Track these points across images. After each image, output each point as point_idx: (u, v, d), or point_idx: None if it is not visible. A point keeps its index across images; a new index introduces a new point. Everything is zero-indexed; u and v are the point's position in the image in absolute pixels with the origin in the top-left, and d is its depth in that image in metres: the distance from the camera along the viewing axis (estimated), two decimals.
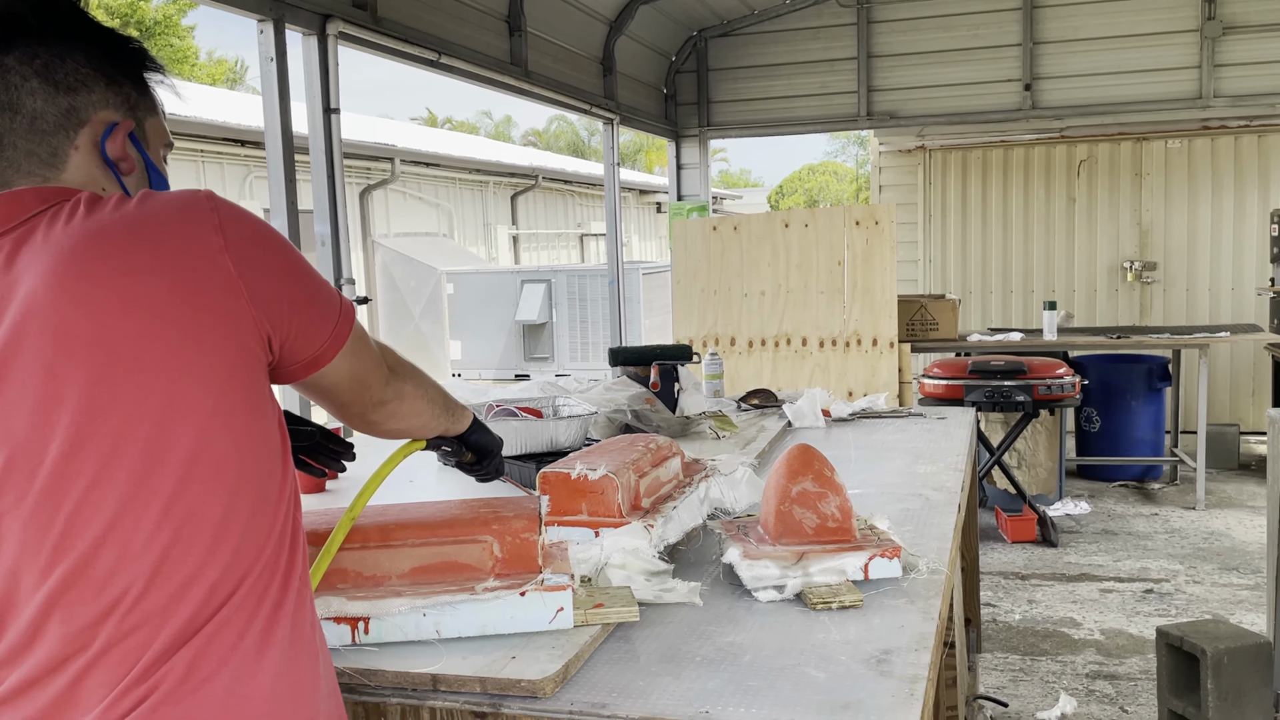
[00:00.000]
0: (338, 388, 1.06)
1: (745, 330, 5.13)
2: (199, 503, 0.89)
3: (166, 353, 0.88)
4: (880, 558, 1.51)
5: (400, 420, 1.18)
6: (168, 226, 0.90)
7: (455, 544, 1.33)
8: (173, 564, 0.88)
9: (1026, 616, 3.95)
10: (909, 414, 3.07)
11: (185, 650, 0.88)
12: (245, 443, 0.92)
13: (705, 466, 1.97)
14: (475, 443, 1.35)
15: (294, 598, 0.96)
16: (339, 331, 1.01)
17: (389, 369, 1.12)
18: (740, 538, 1.62)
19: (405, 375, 1.16)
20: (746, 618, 1.42)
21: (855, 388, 4.88)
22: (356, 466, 2.53)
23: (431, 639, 1.28)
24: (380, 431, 1.19)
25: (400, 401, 1.15)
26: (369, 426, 1.16)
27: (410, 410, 1.19)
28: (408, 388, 1.16)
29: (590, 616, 1.33)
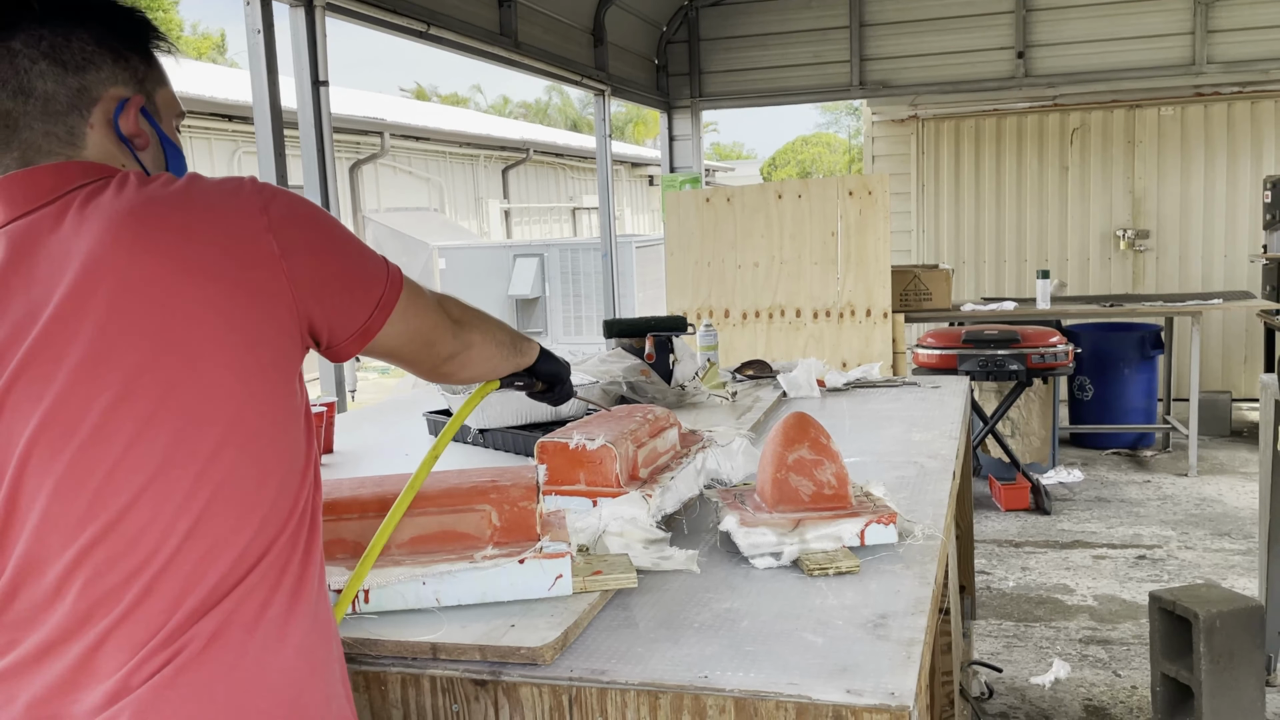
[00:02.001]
0: (400, 350, 1.08)
1: (739, 302, 5.14)
2: (234, 468, 0.90)
3: (218, 320, 0.89)
4: (876, 524, 1.53)
5: (472, 368, 1.22)
6: (217, 203, 0.92)
7: (454, 513, 1.34)
8: (205, 527, 0.89)
9: (1020, 584, 3.99)
10: (903, 383, 3.08)
11: (210, 617, 0.88)
12: (278, 415, 0.94)
13: (702, 437, 1.98)
14: (545, 372, 1.39)
15: (316, 572, 0.98)
16: (386, 300, 1.02)
17: (453, 321, 1.14)
18: (737, 506, 1.63)
19: (471, 324, 1.19)
20: (744, 584, 1.43)
21: (850, 358, 4.89)
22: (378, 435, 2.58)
23: (431, 607, 1.29)
24: (454, 381, 1.23)
25: (469, 351, 1.18)
26: (443, 378, 1.20)
27: (480, 357, 1.22)
28: (475, 336, 1.19)
29: (589, 584, 1.34)
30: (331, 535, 1.33)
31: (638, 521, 1.53)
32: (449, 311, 1.15)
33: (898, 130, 7.42)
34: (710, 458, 1.88)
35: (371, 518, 1.33)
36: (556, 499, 1.60)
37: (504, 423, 2.30)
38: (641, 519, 1.53)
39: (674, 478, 1.71)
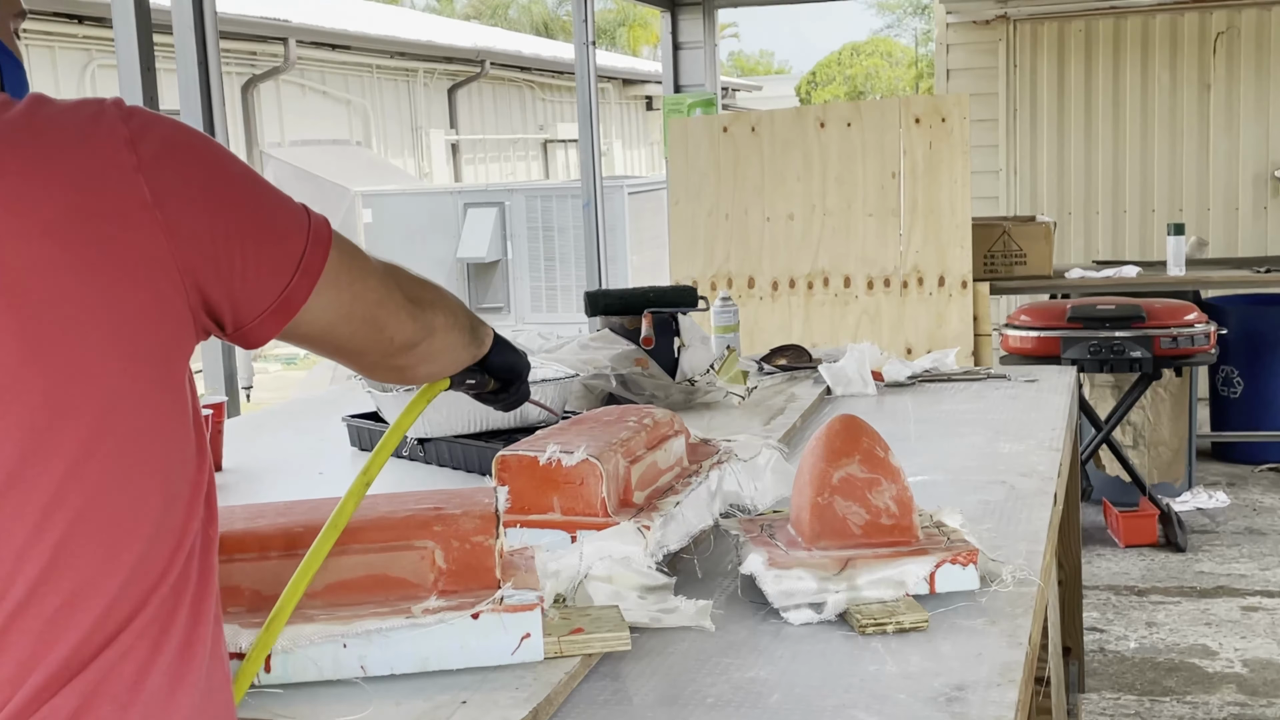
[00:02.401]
0: (336, 335, 1.09)
1: (768, 267, 5.14)
2: (102, 485, 0.90)
3: (68, 294, 0.88)
4: (951, 564, 1.53)
5: (434, 362, 1.24)
6: (70, 135, 0.91)
7: (385, 552, 1.34)
8: (65, 565, 0.88)
9: (1145, 644, 4.01)
10: (988, 376, 3.09)
11: (68, 692, 0.87)
12: (156, 422, 0.93)
13: (718, 449, 1.99)
14: (499, 366, 1.40)
15: (210, 632, 0.97)
16: (310, 261, 1.02)
17: (409, 299, 1.15)
18: (764, 541, 1.64)
19: (432, 303, 1.20)
20: (773, 646, 1.44)
21: (916, 342, 4.90)
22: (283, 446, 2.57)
23: (355, 677, 1.29)
24: (408, 379, 1.25)
25: (431, 340, 1.20)
26: (394, 374, 1.22)
27: (444, 347, 1.24)
28: (438, 319, 1.21)
29: (566, 646, 1.35)
30: (221, 582, 1.32)
31: (631, 562, 1.53)
32: (403, 285, 1.15)
33: (981, 35, 7.42)
34: (729, 476, 1.89)
35: (275, 558, 1.34)
36: (523, 532, 1.61)
37: (451, 430, 2.31)
38: (636, 559, 1.53)
39: (680, 504, 1.72)
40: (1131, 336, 4.76)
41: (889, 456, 1.65)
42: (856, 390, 2.92)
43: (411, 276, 1.19)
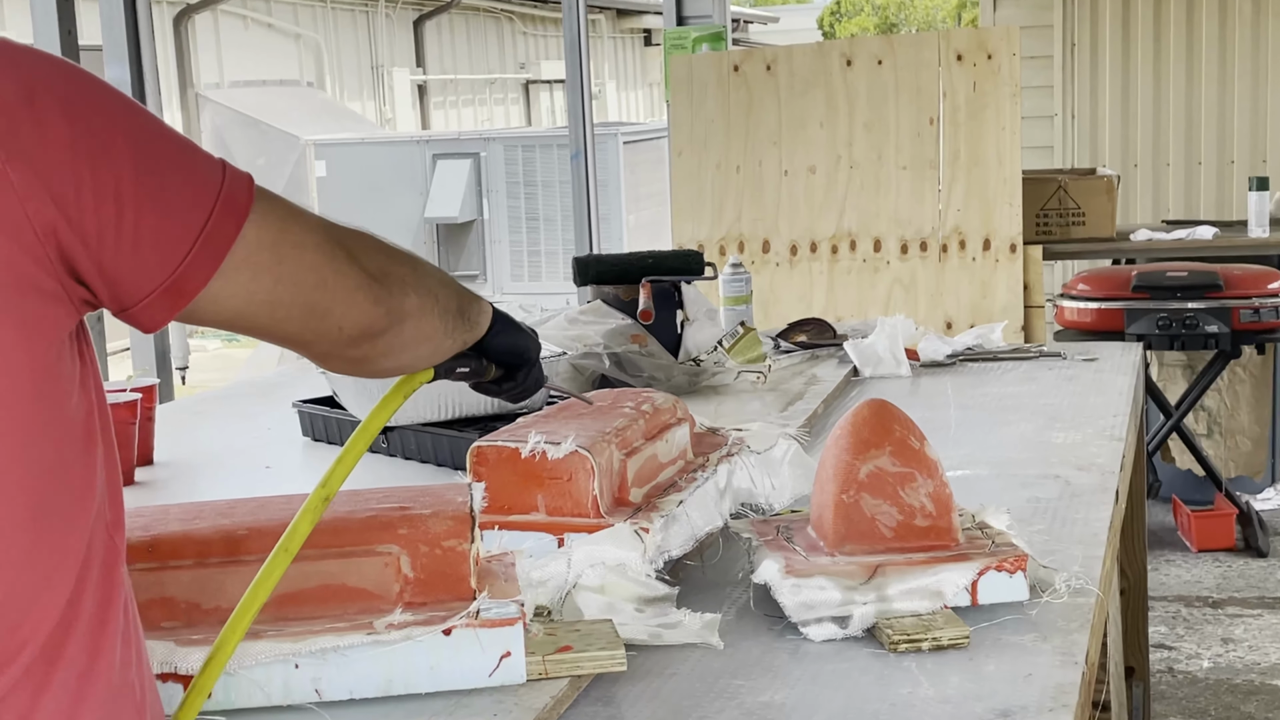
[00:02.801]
0: (258, 323, 1.04)
1: (786, 228, 5.13)
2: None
3: None
4: (995, 572, 1.54)
5: (401, 354, 1.19)
6: None
7: (343, 558, 1.34)
8: None
9: (1221, 663, 4.02)
10: (1039, 354, 3.09)
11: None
12: (27, 423, 0.91)
13: (727, 440, 1.99)
14: (502, 349, 1.34)
15: (112, 660, 0.97)
16: (213, 237, 0.97)
17: (368, 278, 1.09)
18: (781, 546, 1.64)
19: (401, 282, 1.14)
20: (791, 666, 1.44)
21: (957, 315, 4.90)
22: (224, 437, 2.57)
23: (308, 703, 1.30)
24: (370, 372, 1.21)
25: (400, 328, 1.15)
26: (353, 367, 1.18)
27: (417, 336, 1.18)
28: (409, 302, 1.15)
29: (552, 666, 1.35)
30: (152, 592, 1.33)
31: (627, 570, 1.53)
32: (361, 259, 1.09)
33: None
34: (740, 471, 1.89)
35: (215, 566, 1.34)
36: (502, 535, 1.61)
37: (419, 416, 2.31)
38: (634, 566, 1.54)
39: (684, 502, 1.72)
40: (1206, 308, 4.76)
41: (925, 447, 1.65)
42: (888, 371, 2.92)
43: (378, 246, 1.13)
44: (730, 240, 5.17)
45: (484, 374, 1.37)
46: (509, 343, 1.36)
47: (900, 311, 4.03)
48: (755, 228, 5.17)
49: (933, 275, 4.97)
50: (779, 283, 5.11)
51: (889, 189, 5.02)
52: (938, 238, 4.96)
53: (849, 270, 5.06)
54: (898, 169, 5.01)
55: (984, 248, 4.91)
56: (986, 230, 4.91)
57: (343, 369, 1.19)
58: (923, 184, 4.98)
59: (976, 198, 4.92)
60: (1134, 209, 7.25)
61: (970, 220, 4.93)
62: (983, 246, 4.91)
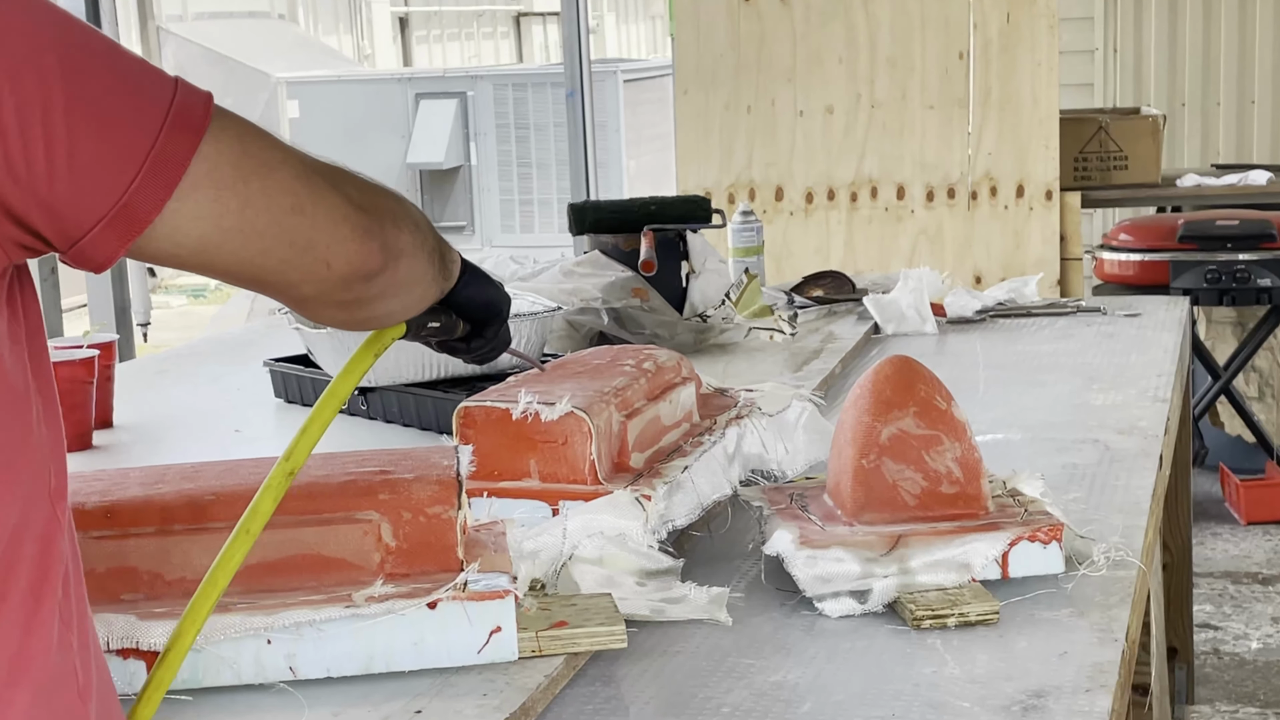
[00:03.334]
0: (228, 259, 1.01)
1: (801, 174, 5.12)
2: None
3: None
4: (1028, 542, 1.54)
5: (397, 296, 1.17)
6: None
7: (319, 525, 1.34)
8: None
9: (1270, 645, 4.04)
10: (1077, 309, 3.09)
11: None
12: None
13: (736, 401, 1.99)
14: (473, 302, 1.32)
15: (48, 642, 0.96)
16: (164, 154, 0.95)
17: (356, 208, 1.08)
18: (795, 514, 1.65)
19: (392, 214, 1.12)
20: (805, 643, 1.45)
21: (987, 268, 4.89)
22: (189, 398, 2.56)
23: (283, 680, 1.30)
24: (363, 322, 1.19)
25: (396, 265, 1.13)
26: (344, 315, 1.15)
27: (411, 276, 1.16)
28: (404, 237, 1.13)
29: (546, 643, 1.36)
30: (111, 562, 1.34)
31: (628, 540, 1.54)
32: (343, 187, 1.08)
33: None
34: (750, 435, 1.89)
35: (179, 533, 1.34)
36: (492, 503, 1.61)
37: (401, 376, 2.31)
38: (635, 536, 1.54)
39: (689, 468, 1.72)
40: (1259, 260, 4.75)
41: (952, 408, 1.65)
42: (912, 328, 2.92)
43: (357, 178, 1.12)
44: (740, 187, 5.16)
45: (453, 330, 1.34)
46: (480, 295, 1.33)
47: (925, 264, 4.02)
48: (767, 173, 5.15)
49: (961, 225, 4.95)
50: (793, 233, 5.10)
51: (914, 130, 5.00)
52: (967, 184, 4.94)
53: (869, 219, 5.05)
54: (923, 109, 4.99)
55: (1017, 195, 4.90)
56: (1020, 175, 4.90)
57: (333, 317, 1.16)
58: (950, 125, 4.96)
59: (1009, 140, 4.91)
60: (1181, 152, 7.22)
61: (1002, 164, 4.91)
62: (1016, 193, 4.90)
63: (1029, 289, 3.17)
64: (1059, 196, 4.88)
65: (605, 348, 2.08)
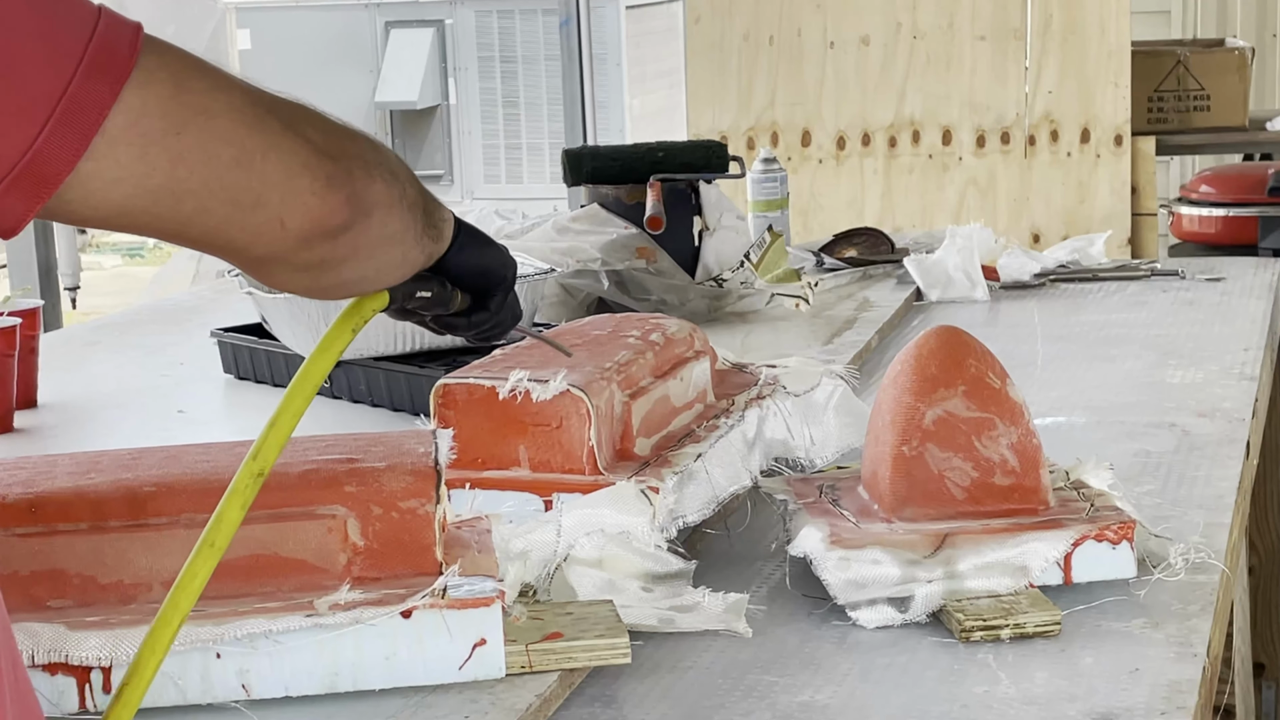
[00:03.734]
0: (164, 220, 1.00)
1: (832, 117, 5.11)
2: None
3: None
4: (1095, 542, 1.54)
5: (368, 259, 1.14)
6: None
7: (276, 522, 1.34)
8: None
9: None
10: (1151, 273, 3.09)
11: None
12: None
13: (757, 378, 1.99)
14: (469, 268, 1.29)
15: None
16: (82, 94, 0.93)
17: (317, 153, 1.06)
18: (825, 510, 1.64)
19: (362, 160, 1.11)
20: (836, 658, 1.45)
21: (1047, 224, 4.89)
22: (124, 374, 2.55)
23: (234, 701, 1.30)
24: (329, 285, 1.16)
25: (366, 221, 1.10)
26: (306, 280, 1.13)
27: (385, 235, 1.14)
28: (377, 187, 1.11)
29: (538, 657, 1.35)
30: (35, 564, 1.34)
31: (632, 539, 1.54)
32: (303, 129, 1.06)
33: None
34: (773, 418, 1.89)
35: (115, 530, 1.34)
36: (475, 495, 1.60)
37: (371, 349, 2.31)
38: (640, 534, 1.54)
39: (703, 456, 1.72)
40: None
41: (1007, 387, 1.65)
42: (960, 294, 2.92)
43: (324, 119, 1.10)
44: (761, 130, 5.15)
45: (449, 302, 1.31)
46: (478, 260, 1.31)
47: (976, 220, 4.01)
48: (792, 114, 5.14)
49: (1017, 174, 4.94)
50: (823, 183, 5.09)
51: (962, 65, 4.99)
52: (1023, 127, 4.93)
53: (911, 168, 5.04)
54: (974, 39, 4.98)
55: (1082, 139, 4.89)
56: (1085, 117, 4.88)
57: (295, 282, 1.14)
58: (1005, 58, 4.95)
59: (1073, 76, 4.89)
60: (1271, 91, 7.21)
61: (1065, 104, 4.90)
62: (1080, 138, 4.89)
63: (1095, 249, 3.17)
64: (1130, 142, 4.87)
65: (606, 316, 2.08)
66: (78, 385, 2.53)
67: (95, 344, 2.92)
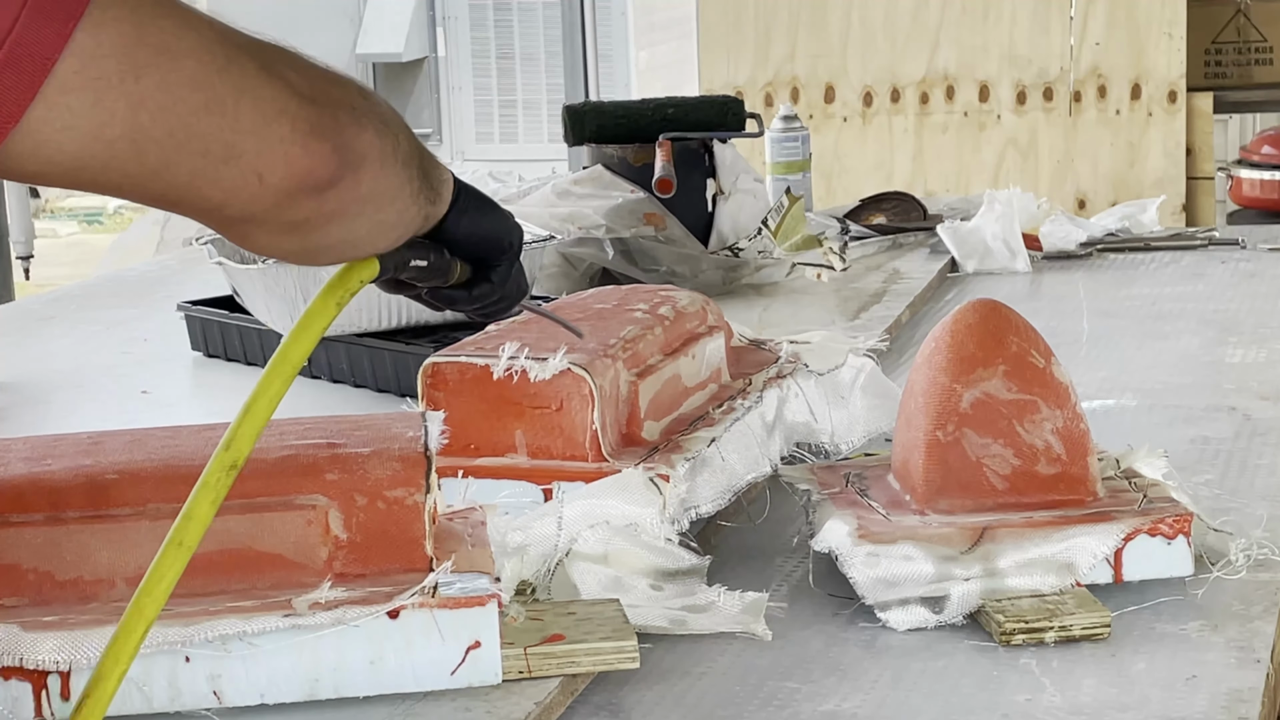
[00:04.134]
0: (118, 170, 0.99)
1: (858, 69, 5.11)
2: None
3: None
4: (1148, 536, 1.54)
5: (358, 218, 1.13)
6: None
7: (251, 513, 1.34)
8: None
9: None
10: (1209, 242, 3.09)
11: None
12: None
13: (776, 355, 1.99)
14: (471, 234, 1.29)
15: None
16: (28, 36, 0.91)
17: (298, 96, 1.05)
18: (852, 500, 1.64)
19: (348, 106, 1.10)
20: (864, 663, 1.45)
21: (1094, 188, 4.88)
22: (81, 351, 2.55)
23: (204, 709, 1.30)
24: (313, 249, 1.15)
25: (356, 176, 1.09)
26: (290, 241, 1.12)
27: (378, 191, 1.12)
28: (366, 139, 1.10)
29: (537, 662, 1.35)
30: None
31: (641, 531, 1.54)
32: (282, 72, 1.05)
33: None
34: (795, 399, 1.89)
35: (75, 521, 1.33)
36: (468, 484, 1.60)
37: (354, 324, 2.31)
38: (649, 526, 1.54)
39: (717, 441, 1.72)
40: None
41: (1051, 367, 1.64)
42: (999, 265, 2.92)
43: (306, 62, 1.09)
44: (780, 85, 5.14)
45: (447, 273, 1.30)
46: (481, 226, 1.31)
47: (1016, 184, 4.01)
48: (815, 68, 5.14)
49: (1061, 134, 4.94)
50: (848, 143, 5.09)
51: (1001, 13, 4.99)
52: (1068, 82, 4.93)
53: (945, 127, 5.03)
54: None
55: (1132, 96, 4.88)
56: (1136, 72, 4.88)
57: (276, 245, 1.13)
58: (1048, 7, 4.94)
59: (1122, 26, 4.89)
60: None
61: (1114, 57, 4.89)
62: (1130, 94, 4.88)
63: (1147, 216, 3.17)
64: (1185, 99, 4.86)
65: (611, 288, 2.08)
66: (31, 363, 2.53)
67: (51, 318, 2.92)
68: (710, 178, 2.85)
